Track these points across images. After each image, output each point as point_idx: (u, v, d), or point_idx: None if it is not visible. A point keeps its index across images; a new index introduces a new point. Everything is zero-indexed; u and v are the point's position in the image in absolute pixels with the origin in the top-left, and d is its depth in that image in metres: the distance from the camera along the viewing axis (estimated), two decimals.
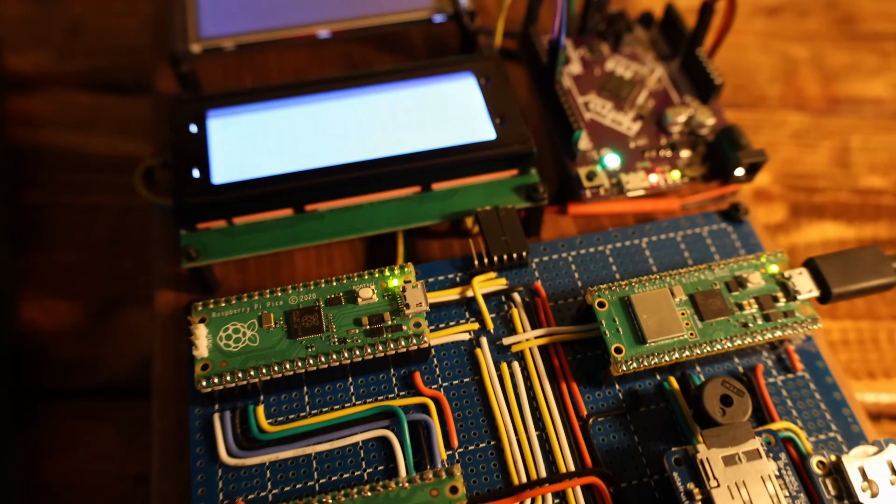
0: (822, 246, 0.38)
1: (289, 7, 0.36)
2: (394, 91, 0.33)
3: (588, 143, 0.33)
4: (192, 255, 0.29)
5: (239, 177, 0.30)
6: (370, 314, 0.26)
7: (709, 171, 0.33)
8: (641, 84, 0.35)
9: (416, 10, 0.36)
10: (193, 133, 0.31)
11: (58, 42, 0.45)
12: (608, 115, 0.34)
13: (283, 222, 0.31)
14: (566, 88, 0.35)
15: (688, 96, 0.35)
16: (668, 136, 0.34)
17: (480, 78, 0.33)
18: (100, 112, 0.42)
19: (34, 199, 0.38)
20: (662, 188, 0.32)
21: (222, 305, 0.26)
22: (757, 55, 0.46)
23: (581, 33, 0.37)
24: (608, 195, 0.32)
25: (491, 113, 0.32)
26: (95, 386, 0.33)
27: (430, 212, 0.31)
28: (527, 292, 0.29)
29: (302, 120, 0.32)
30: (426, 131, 0.32)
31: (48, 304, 0.35)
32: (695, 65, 0.35)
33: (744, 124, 0.43)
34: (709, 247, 0.31)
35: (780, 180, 0.41)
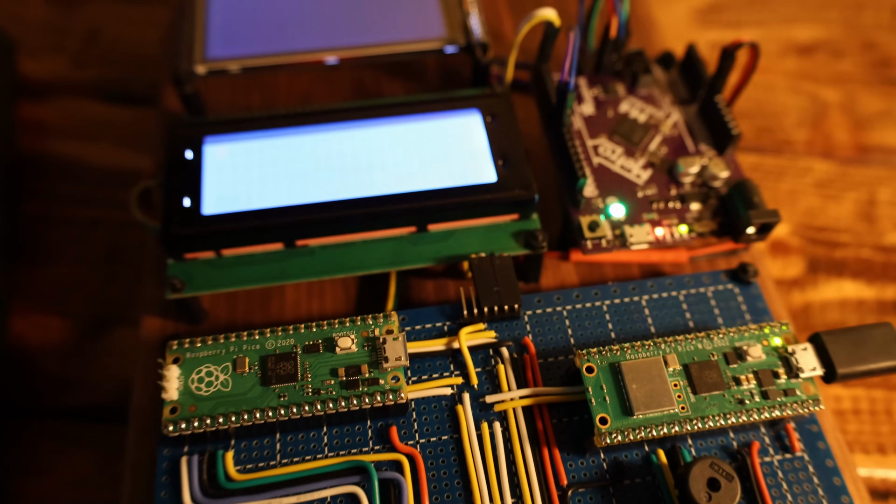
0: (840, 306, 0.36)
1: (298, 32, 0.35)
2: (396, 124, 0.32)
3: (594, 190, 0.32)
4: (177, 287, 0.29)
5: (230, 208, 0.29)
6: (347, 365, 0.25)
7: (719, 226, 0.31)
8: (656, 129, 0.34)
9: (427, 40, 0.35)
10: (188, 159, 0.31)
11: (74, 49, 0.45)
12: (618, 161, 0.33)
13: (272, 256, 0.30)
14: (576, 129, 0.34)
15: (703, 145, 0.33)
16: (679, 186, 0.32)
17: (487, 115, 0.32)
18: (108, 123, 0.42)
19: (35, 210, 0.38)
20: (668, 243, 0.31)
21: (198, 346, 0.26)
22: (785, 96, 0.44)
23: (597, 71, 0.35)
24: (610, 247, 0.30)
25: (494, 154, 0.31)
26: (78, 407, 0.32)
27: (423, 254, 0.30)
28: (516, 347, 0.28)
29: (300, 152, 0.31)
30: (425, 169, 0.31)
31: (39, 319, 0.35)
32: (713, 112, 0.33)
33: (766, 170, 0.41)
34: (712, 308, 0.29)
35: (799, 232, 0.39)
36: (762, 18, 0.48)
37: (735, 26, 0.47)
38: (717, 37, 0.47)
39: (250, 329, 0.31)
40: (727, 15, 0.48)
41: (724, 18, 0.48)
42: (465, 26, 0.36)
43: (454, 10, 0.36)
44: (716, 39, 0.47)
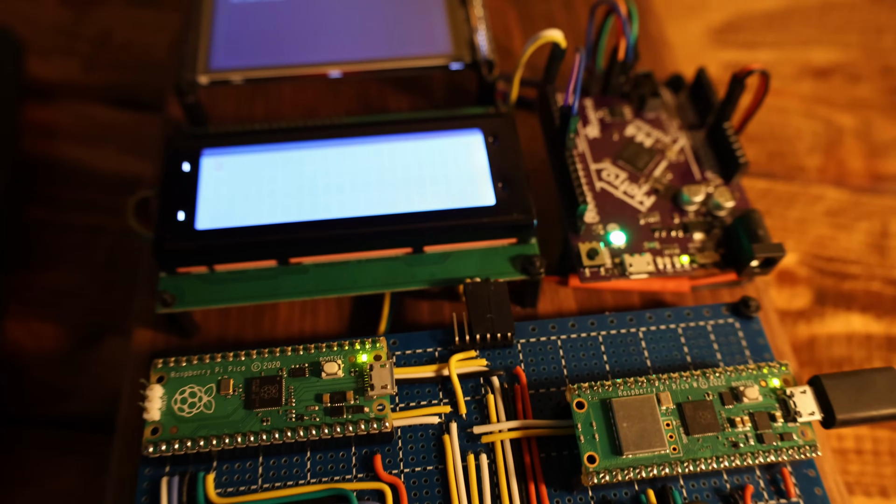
0: (847, 340, 0.36)
1: (303, 44, 0.35)
2: (397, 142, 0.32)
3: (595, 216, 0.31)
4: (168, 302, 0.28)
5: (224, 224, 0.29)
6: (333, 391, 0.25)
7: (722, 258, 0.30)
8: (662, 154, 0.33)
9: (432, 56, 0.35)
10: (185, 172, 0.31)
11: (85, 52, 0.45)
12: (621, 187, 0.32)
13: (265, 273, 0.29)
14: (580, 152, 0.33)
15: (710, 172, 0.33)
16: (683, 214, 0.31)
17: (489, 136, 0.32)
18: (114, 128, 0.42)
19: (37, 214, 0.38)
20: (668, 273, 0.30)
21: (183, 365, 0.25)
22: (799, 120, 0.43)
23: (604, 93, 0.35)
24: (608, 276, 0.30)
25: (494, 176, 0.31)
26: (67, 417, 0.32)
27: (418, 276, 0.30)
28: (507, 376, 0.27)
29: (298, 167, 0.31)
30: (423, 189, 0.30)
31: (34, 325, 0.35)
32: (721, 139, 0.32)
33: (776, 196, 0.40)
34: (711, 343, 0.29)
35: (807, 262, 0.38)
36: (779, 39, 0.47)
37: (751, 47, 0.47)
38: (731, 57, 0.46)
39: (242, 345, 0.31)
40: (743, 35, 0.47)
41: (740, 39, 0.47)
42: (471, 43, 0.35)
43: (461, 25, 0.36)
44: (730, 60, 0.46)
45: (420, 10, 0.37)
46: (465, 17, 0.36)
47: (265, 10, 0.37)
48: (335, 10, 0.37)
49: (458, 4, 0.37)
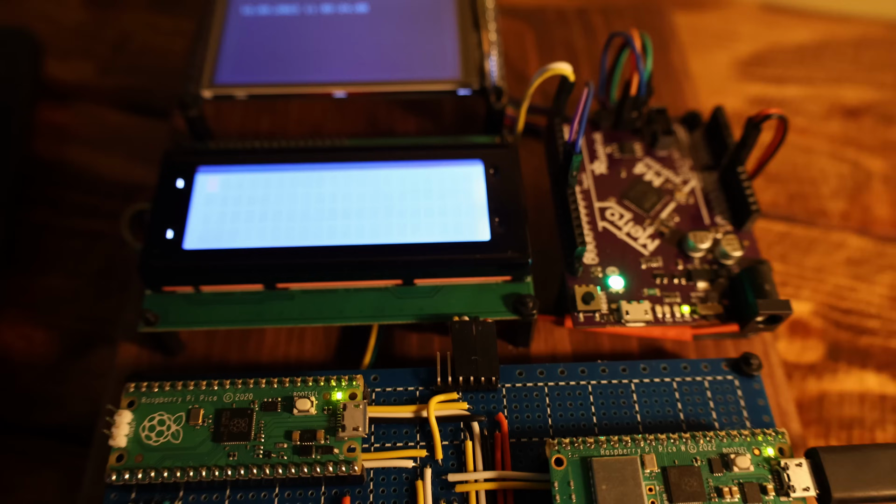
0: (859, 400, 0.34)
1: (310, 63, 0.34)
2: (395, 168, 0.31)
3: (594, 257, 0.30)
4: (151, 321, 0.28)
5: (212, 245, 0.29)
6: (303, 428, 0.24)
7: (726, 310, 0.29)
8: (670, 196, 0.32)
9: (440, 81, 0.34)
10: (179, 188, 0.30)
11: (102, 55, 0.45)
12: (624, 228, 0.31)
13: (251, 297, 0.29)
14: (585, 188, 0.32)
15: (720, 217, 0.31)
16: (687, 261, 0.30)
17: (490, 168, 0.31)
18: (124, 133, 0.42)
19: (39, 216, 0.38)
20: (667, 323, 0.28)
21: (155, 391, 0.25)
22: (825, 162, 0.41)
23: (615, 127, 0.34)
24: (603, 322, 0.28)
25: (491, 210, 0.30)
26: (50, 426, 0.32)
27: (406, 309, 0.29)
28: (488, 422, 0.26)
29: (292, 190, 0.30)
30: (418, 221, 0.29)
31: (26, 330, 0.34)
32: (734, 183, 0.31)
33: (794, 241, 0.38)
34: (708, 401, 0.27)
35: (823, 312, 0.36)
36: (809, 75, 0.45)
37: (778, 82, 0.45)
38: (758, 91, 0.44)
39: (225, 368, 0.30)
40: (771, 69, 0.45)
41: (768, 72, 0.45)
42: (481, 69, 0.34)
43: (473, 50, 0.35)
44: (757, 94, 0.44)
45: (432, 33, 0.36)
46: (478, 41, 0.35)
47: (276, 24, 0.36)
48: (345, 29, 0.36)
49: (471, 28, 0.36)
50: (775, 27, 0.48)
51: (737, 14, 0.49)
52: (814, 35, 0.47)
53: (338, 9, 0.37)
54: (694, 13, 0.48)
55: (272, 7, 0.37)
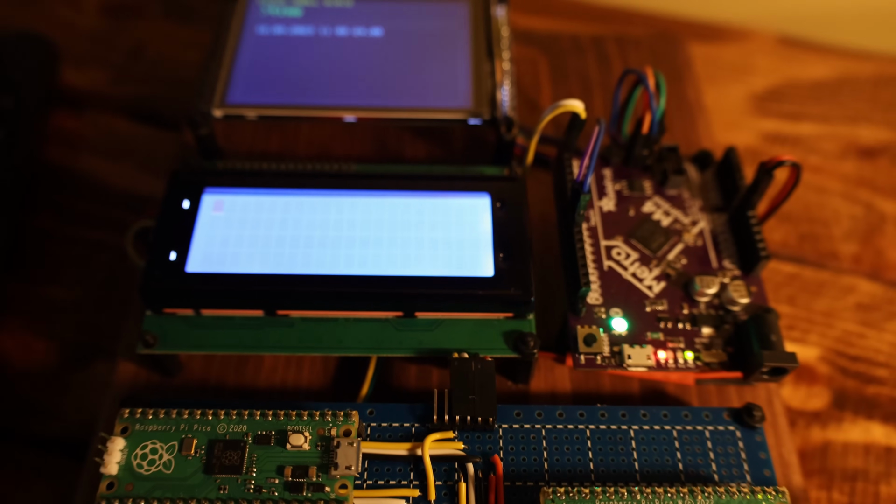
0: (864, 451, 0.33)
1: (321, 86, 0.34)
2: (401, 198, 0.31)
3: (598, 297, 0.29)
4: (149, 343, 0.28)
5: (214, 269, 0.29)
6: (296, 464, 0.24)
7: (730, 357, 0.28)
8: (678, 237, 0.31)
9: (451, 109, 0.34)
10: (184, 209, 0.30)
11: (117, 63, 0.46)
12: (630, 268, 0.30)
13: (251, 322, 0.29)
14: (592, 225, 0.31)
15: (728, 261, 0.31)
16: (693, 305, 0.30)
17: (496, 201, 0.31)
18: (134, 143, 0.42)
19: (45, 223, 0.38)
20: (669, 369, 0.28)
21: (149, 418, 0.25)
22: (838, 202, 0.41)
23: (625, 163, 0.33)
24: (605, 365, 0.28)
25: (496, 245, 0.29)
26: (45, 437, 0.32)
27: (405, 342, 0.28)
28: (484, 463, 0.26)
29: (297, 215, 0.30)
30: (421, 252, 0.29)
31: (26, 339, 0.34)
32: (744, 227, 0.31)
33: (803, 283, 0.38)
34: (708, 451, 0.27)
35: (830, 359, 0.36)
36: (825, 113, 0.44)
37: (794, 118, 0.44)
38: (772, 127, 0.44)
39: (222, 392, 0.30)
40: (787, 105, 0.45)
41: (784, 108, 0.45)
42: (493, 99, 0.34)
43: (485, 79, 0.35)
44: (771, 130, 0.44)
45: (445, 60, 0.36)
46: (491, 70, 0.35)
47: (289, 45, 0.36)
48: (358, 52, 0.36)
49: (484, 56, 0.36)
50: (793, 62, 0.47)
51: (754, 46, 0.48)
52: (832, 71, 0.47)
53: (352, 31, 0.37)
54: (711, 44, 0.48)
55: (287, 27, 0.37)
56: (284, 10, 0.38)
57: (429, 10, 0.38)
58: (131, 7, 0.49)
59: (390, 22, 0.37)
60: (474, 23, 0.37)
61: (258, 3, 0.38)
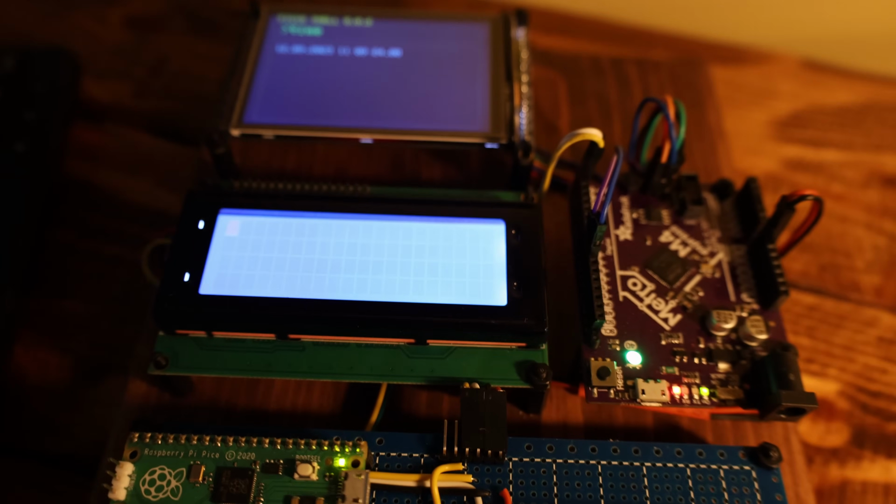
0: (884, 492, 0.32)
1: (339, 107, 0.34)
2: (416, 223, 0.31)
3: (612, 329, 0.29)
4: (161, 364, 0.28)
5: (227, 291, 0.29)
6: (303, 494, 0.24)
7: (746, 395, 0.28)
8: (696, 268, 0.31)
9: (468, 133, 0.33)
10: (199, 229, 0.30)
11: (139, 77, 0.46)
12: (646, 300, 0.30)
13: (262, 346, 0.29)
14: (608, 254, 0.31)
15: (746, 294, 0.30)
16: (710, 339, 0.29)
17: (511, 229, 0.30)
18: (153, 158, 0.42)
19: (63, 237, 0.38)
20: (684, 404, 0.28)
21: (158, 443, 0.25)
22: (861, 232, 0.40)
23: (642, 191, 0.33)
24: (618, 399, 0.27)
25: (509, 274, 0.29)
26: (56, 454, 0.32)
27: (417, 369, 0.28)
28: (493, 497, 0.26)
29: (312, 238, 0.30)
30: (434, 279, 0.29)
31: (41, 353, 0.35)
32: (763, 260, 0.30)
33: (823, 315, 0.37)
34: (722, 492, 0.26)
35: (849, 394, 0.35)
36: (849, 140, 0.44)
37: (816, 145, 0.44)
38: (794, 154, 0.43)
39: (232, 414, 0.30)
40: (810, 131, 0.44)
41: (806, 135, 0.44)
42: (510, 123, 0.34)
43: (503, 103, 0.35)
44: (793, 157, 0.43)
45: (463, 82, 0.35)
46: (509, 93, 0.35)
47: (308, 64, 0.36)
48: (376, 73, 0.36)
49: (503, 79, 0.35)
50: (817, 87, 0.46)
51: (777, 70, 0.48)
52: (856, 97, 0.46)
53: (371, 52, 0.37)
54: (733, 67, 0.47)
55: (307, 47, 0.37)
56: (305, 30, 0.38)
57: (448, 31, 0.38)
58: (155, 21, 0.49)
59: (409, 42, 0.37)
60: (493, 44, 0.37)
61: (279, 21, 0.38)
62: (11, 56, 0.43)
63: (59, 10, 0.49)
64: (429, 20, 0.38)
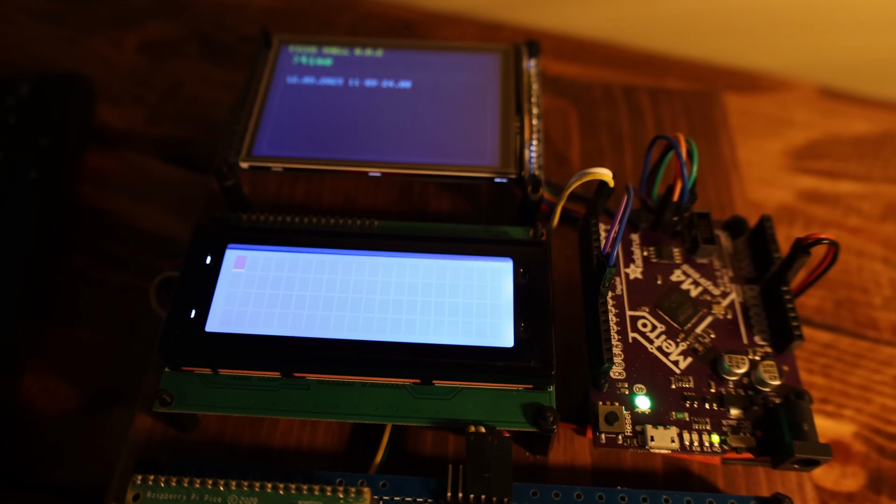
0: None
1: (348, 141, 0.34)
2: (423, 260, 0.30)
3: (621, 372, 0.29)
4: (167, 401, 0.28)
5: (233, 329, 0.29)
6: None
7: (758, 442, 0.27)
8: (707, 309, 0.30)
9: (477, 168, 0.33)
10: (206, 265, 0.30)
11: (152, 103, 0.46)
12: (656, 341, 0.29)
13: (267, 384, 0.29)
14: (618, 293, 0.31)
15: (759, 337, 0.30)
16: (721, 383, 0.28)
17: (519, 267, 0.30)
18: (165, 185, 0.42)
19: (74, 264, 0.39)
20: (694, 451, 0.27)
21: (161, 486, 0.24)
22: (878, 267, 0.39)
23: (654, 228, 0.32)
24: (627, 445, 0.27)
25: (517, 314, 0.29)
26: (61, 484, 0.32)
27: (422, 410, 0.28)
28: None
29: (319, 275, 0.30)
30: (441, 319, 0.29)
31: (50, 382, 0.35)
32: (777, 301, 0.29)
33: (839, 353, 0.36)
34: None
35: (865, 436, 0.34)
36: (866, 172, 0.43)
37: (833, 177, 0.43)
38: (810, 185, 0.43)
39: (236, 451, 0.30)
40: (826, 162, 0.44)
41: (823, 166, 0.43)
42: (520, 157, 0.33)
43: (513, 137, 0.34)
44: (808, 188, 0.42)
45: (473, 115, 0.35)
46: (520, 127, 0.35)
47: (318, 95, 0.36)
48: (386, 105, 0.36)
49: (513, 113, 0.35)
50: (833, 116, 0.46)
51: (793, 98, 0.47)
52: (874, 127, 0.45)
53: (381, 83, 0.37)
54: (747, 95, 0.47)
55: (317, 78, 0.37)
56: (315, 60, 0.38)
57: (459, 62, 0.38)
58: (169, 45, 0.50)
59: (420, 73, 0.37)
60: (504, 76, 0.37)
61: (290, 52, 0.38)
62: (28, 82, 0.43)
63: (75, 35, 0.50)
64: (440, 51, 0.38)
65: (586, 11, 0.51)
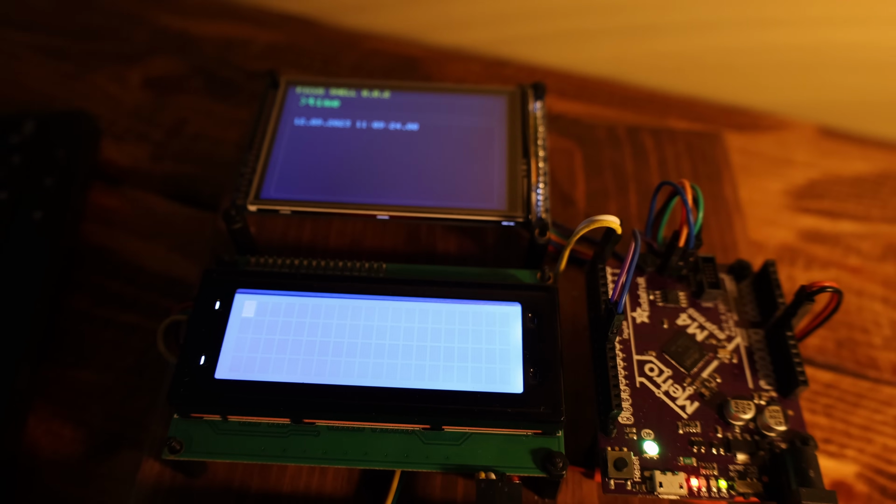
0: None
1: (355, 184, 0.35)
2: (431, 304, 0.31)
3: (629, 417, 0.29)
4: (176, 449, 0.28)
5: (243, 376, 0.29)
6: None
7: (765, 487, 0.27)
8: (713, 353, 0.31)
9: (484, 211, 0.34)
10: (215, 310, 0.30)
11: (157, 140, 0.47)
12: (663, 386, 0.30)
13: (276, 430, 0.29)
14: (625, 337, 0.31)
15: (764, 381, 0.30)
16: (727, 428, 0.29)
17: (528, 312, 0.30)
18: (169, 223, 0.42)
19: (79, 304, 0.39)
20: (703, 497, 0.27)
21: None
22: (879, 307, 0.40)
23: (660, 272, 0.33)
24: (635, 492, 0.27)
25: (526, 360, 0.29)
26: None
27: (432, 456, 0.28)
28: None
29: (328, 320, 0.30)
30: (451, 364, 0.29)
31: (55, 425, 0.35)
32: (782, 346, 0.30)
33: (840, 393, 0.37)
34: None
35: (867, 476, 0.34)
36: (866, 213, 0.44)
37: (833, 217, 0.43)
38: (811, 224, 0.43)
39: (244, 499, 0.30)
40: (827, 202, 0.44)
41: (823, 206, 0.44)
42: (527, 200, 0.34)
43: (520, 180, 0.35)
44: (809, 227, 0.43)
45: (479, 158, 0.36)
46: (526, 170, 0.35)
47: (325, 137, 0.37)
48: (393, 148, 0.36)
49: (519, 155, 0.36)
50: (832, 156, 0.47)
51: (793, 137, 0.48)
52: (873, 167, 0.46)
53: (388, 125, 0.37)
54: (748, 134, 0.48)
55: (324, 120, 0.37)
56: (323, 102, 0.38)
57: (466, 104, 0.38)
58: (173, 82, 0.50)
59: (427, 116, 0.38)
60: (511, 118, 0.38)
61: (297, 94, 0.39)
62: (32, 120, 0.43)
63: (80, 72, 0.50)
64: (447, 93, 0.39)
65: (589, 49, 0.52)
